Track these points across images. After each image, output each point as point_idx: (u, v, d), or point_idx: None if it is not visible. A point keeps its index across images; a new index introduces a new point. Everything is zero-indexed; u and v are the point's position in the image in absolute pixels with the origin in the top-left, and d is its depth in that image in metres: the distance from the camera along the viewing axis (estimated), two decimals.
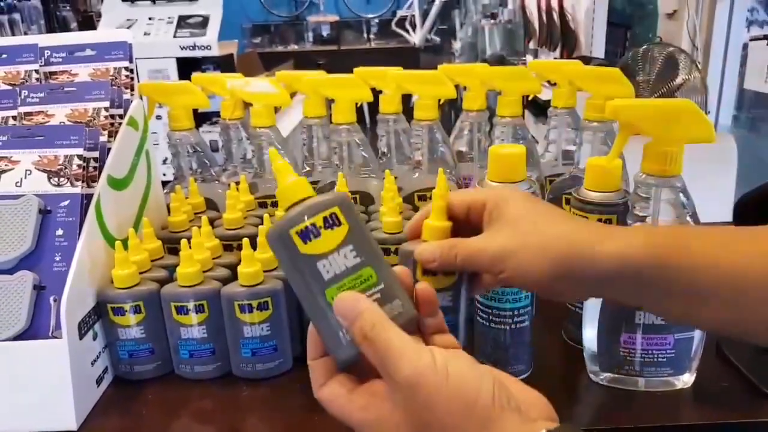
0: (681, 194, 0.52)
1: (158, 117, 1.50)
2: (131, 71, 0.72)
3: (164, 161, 1.20)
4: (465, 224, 0.49)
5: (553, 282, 0.43)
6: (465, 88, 0.89)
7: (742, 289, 0.40)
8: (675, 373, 0.57)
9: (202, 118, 1.60)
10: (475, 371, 0.36)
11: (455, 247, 0.46)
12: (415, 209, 0.80)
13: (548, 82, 0.87)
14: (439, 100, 0.84)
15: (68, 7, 3.06)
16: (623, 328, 0.56)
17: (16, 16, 2.68)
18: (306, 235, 0.40)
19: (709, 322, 0.44)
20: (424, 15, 4.87)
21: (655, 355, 0.56)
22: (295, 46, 5.57)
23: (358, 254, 0.40)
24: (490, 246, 0.45)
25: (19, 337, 0.56)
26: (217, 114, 0.89)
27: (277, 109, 0.87)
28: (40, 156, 0.62)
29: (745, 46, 2.14)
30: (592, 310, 0.57)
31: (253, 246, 0.60)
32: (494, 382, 0.36)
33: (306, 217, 0.40)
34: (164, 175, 0.90)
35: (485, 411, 0.35)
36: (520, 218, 0.45)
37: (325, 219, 0.40)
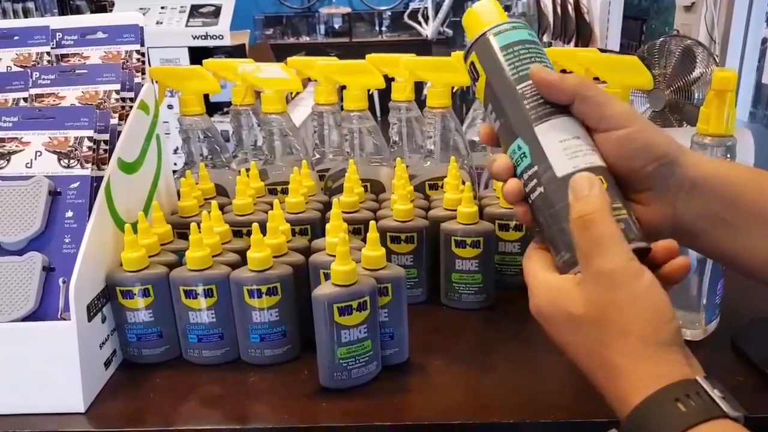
0: None
1: (170, 107, 1.49)
2: (143, 54, 0.72)
3: (175, 151, 1.20)
4: None
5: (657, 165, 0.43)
6: None
7: None
8: None
9: (214, 108, 1.59)
10: (671, 306, 0.38)
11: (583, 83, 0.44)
12: (427, 198, 0.79)
13: (564, 70, 0.86)
14: (452, 89, 0.83)
15: None
16: None
17: (30, 4, 2.69)
18: None
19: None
20: (437, 7, 4.83)
21: None
22: (307, 38, 5.55)
23: None
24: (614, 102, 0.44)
25: (28, 318, 0.56)
26: (229, 104, 0.88)
27: (289, 100, 0.87)
28: (50, 137, 0.62)
29: (764, 41, 2.11)
30: None
31: (263, 232, 0.60)
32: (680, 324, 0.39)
33: None
34: (175, 164, 0.89)
35: (665, 336, 0.37)
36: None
37: None
